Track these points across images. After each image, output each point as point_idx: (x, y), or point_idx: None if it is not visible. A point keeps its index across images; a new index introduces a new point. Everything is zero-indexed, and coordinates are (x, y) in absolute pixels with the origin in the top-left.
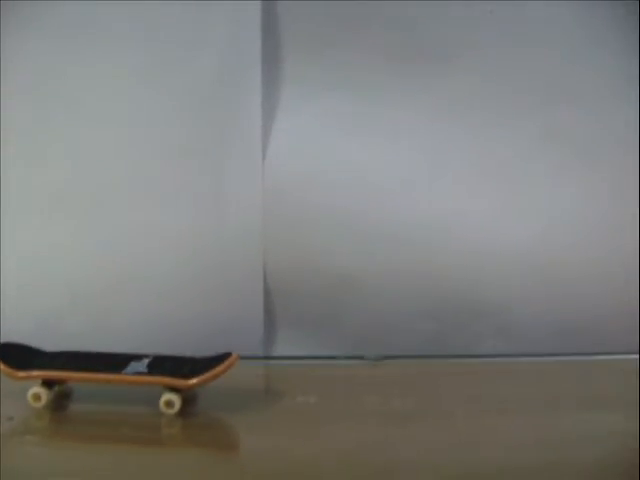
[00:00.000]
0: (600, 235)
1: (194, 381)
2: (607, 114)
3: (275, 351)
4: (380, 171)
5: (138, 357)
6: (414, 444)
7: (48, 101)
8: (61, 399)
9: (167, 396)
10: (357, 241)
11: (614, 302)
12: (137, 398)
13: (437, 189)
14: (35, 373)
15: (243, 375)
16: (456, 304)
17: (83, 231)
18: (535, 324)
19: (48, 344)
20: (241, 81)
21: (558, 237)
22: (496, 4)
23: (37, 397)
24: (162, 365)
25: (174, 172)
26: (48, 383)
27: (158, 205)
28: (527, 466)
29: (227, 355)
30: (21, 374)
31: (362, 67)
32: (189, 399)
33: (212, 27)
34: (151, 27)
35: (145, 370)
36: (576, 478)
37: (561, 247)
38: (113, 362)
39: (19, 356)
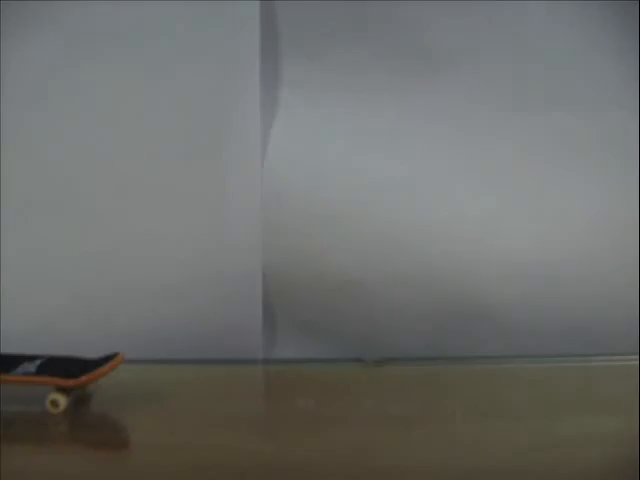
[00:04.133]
0: (600, 237)
1: (75, 381)
2: (607, 117)
3: (274, 354)
4: (380, 174)
5: (31, 358)
6: (414, 447)
7: (48, 102)
8: None
9: (53, 396)
10: (357, 244)
11: (614, 303)
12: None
13: (437, 192)
14: None
15: (241, 378)
16: (456, 307)
17: (82, 233)
18: (535, 326)
19: (48, 346)
20: (239, 83)
21: (557, 239)
22: (495, 9)
23: None
24: (52, 366)
25: (171, 175)
26: None
27: (157, 209)
28: (527, 469)
29: (114, 355)
30: None
31: (362, 69)
32: (84, 399)
33: (210, 28)
34: (149, 28)
35: (34, 371)
36: None
37: (560, 249)
38: (5, 363)
39: None
